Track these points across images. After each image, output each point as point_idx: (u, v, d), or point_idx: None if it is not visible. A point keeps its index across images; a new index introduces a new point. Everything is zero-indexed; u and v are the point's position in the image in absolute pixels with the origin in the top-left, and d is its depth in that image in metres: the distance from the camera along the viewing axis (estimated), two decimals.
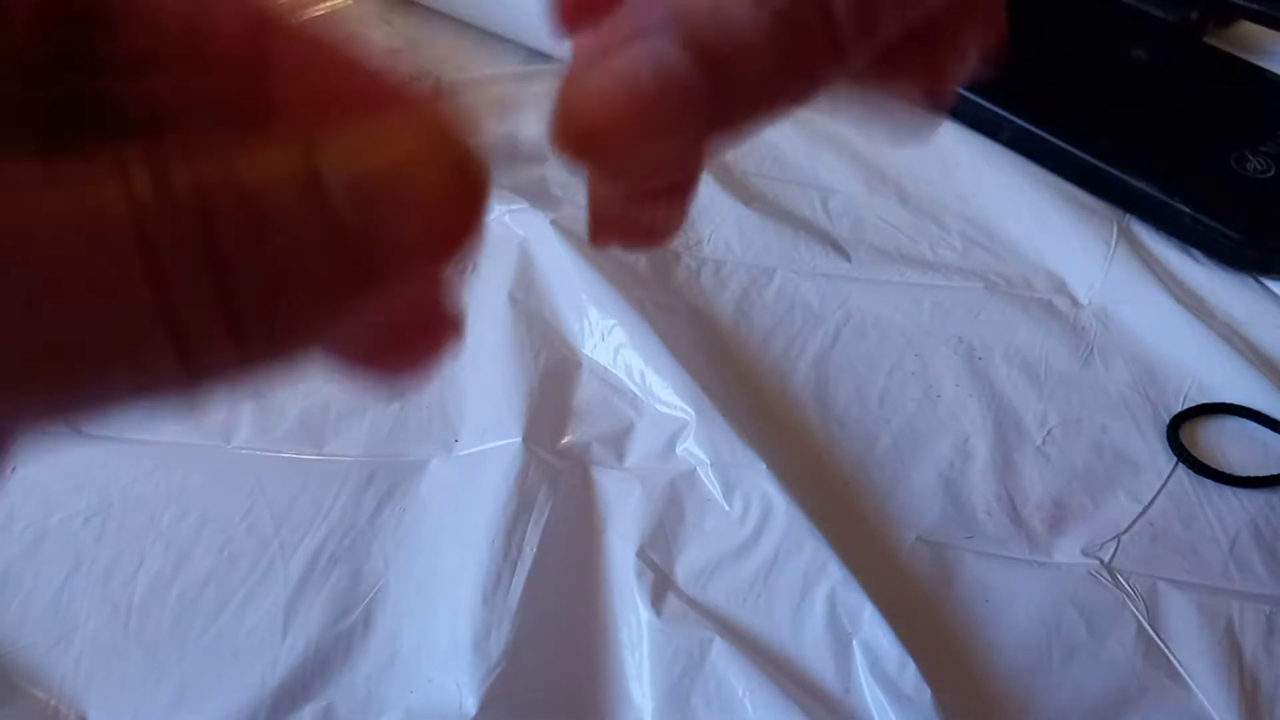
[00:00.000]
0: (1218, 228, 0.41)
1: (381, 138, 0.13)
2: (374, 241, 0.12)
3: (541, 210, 0.43)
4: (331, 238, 0.12)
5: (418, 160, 0.12)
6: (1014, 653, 0.31)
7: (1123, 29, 0.49)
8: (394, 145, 0.12)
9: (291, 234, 0.12)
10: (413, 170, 0.12)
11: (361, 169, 0.12)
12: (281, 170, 0.12)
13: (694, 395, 0.36)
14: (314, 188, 0.12)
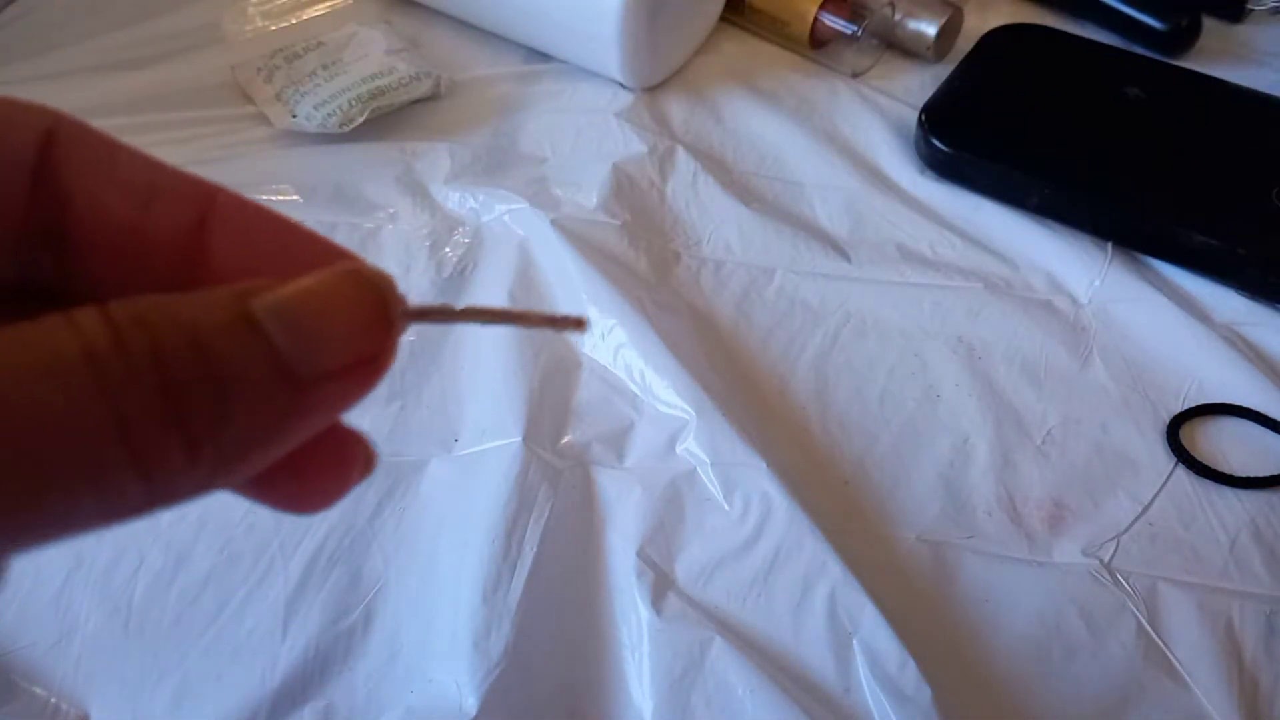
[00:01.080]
0: (1258, 263, 0.41)
1: (304, 278, 0.14)
2: (302, 357, 0.14)
3: (541, 210, 0.43)
4: (264, 358, 0.14)
5: (335, 285, 0.15)
6: (1014, 652, 0.31)
7: (1109, 71, 0.49)
8: (315, 278, 0.14)
9: (229, 356, 0.13)
10: (331, 292, 0.14)
11: (286, 297, 0.14)
12: (217, 306, 0.14)
13: (694, 395, 0.36)
14: (247, 317, 0.14)
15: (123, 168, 0.17)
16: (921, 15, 0.51)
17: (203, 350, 0.13)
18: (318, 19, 0.54)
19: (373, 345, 0.15)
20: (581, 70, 0.51)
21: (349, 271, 0.15)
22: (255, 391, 0.14)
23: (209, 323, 0.13)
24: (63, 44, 0.51)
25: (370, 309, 0.15)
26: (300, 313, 0.14)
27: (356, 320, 0.15)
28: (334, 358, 0.14)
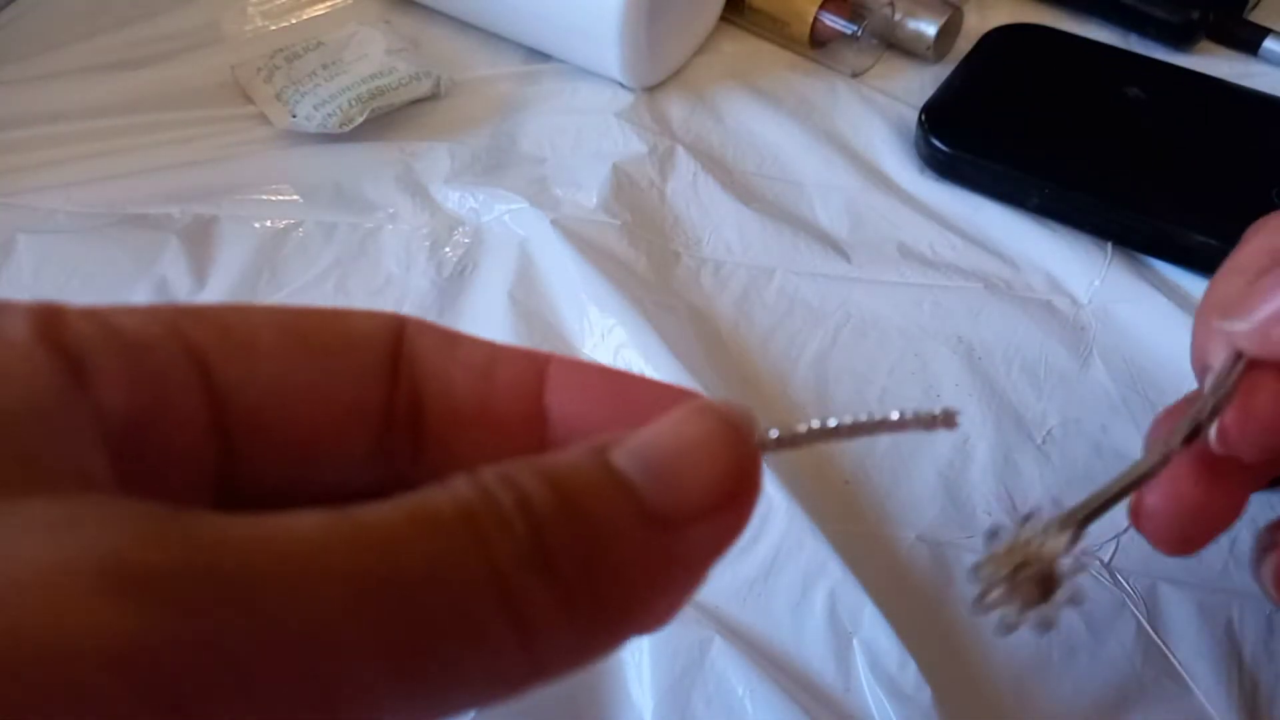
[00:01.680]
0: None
1: (664, 426, 0.15)
2: (666, 500, 0.14)
3: (541, 210, 0.43)
4: (629, 504, 0.14)
5: (689, 423, 0.15)
6: (1014, 652, 0.31)
7: (1110, 71, 0.49)
8: (667, 421, 0.15)
9: (595, 505, 0.13)
10: (686, 431, 0.15)
11: (642, 443, 0.14)
12: (579, 459, 0.14)
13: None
14: (607, 467, 0.14)
15: (464, 348, 0.17)
16: (921, 15, 0.51)
17: (568, 501, 0.13)
18: (318, 19, 0.54)
19: (735, 480, 0.15)
20: (581, 70, 0.51)
21: (700, 408, 0.15)
22: (624, 540, 0.14)
23: (572, 475, 0.14)
24: (62, 44, 0.51)
25: (727, 443, 0.15)
26: (658, 456, 0.14)
27: (715, 457, 0.15)
28: (699, 497, 0.14)
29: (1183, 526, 0.23)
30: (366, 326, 0.17)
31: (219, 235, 0.43)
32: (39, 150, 0.46)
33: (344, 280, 0.41)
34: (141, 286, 0.41)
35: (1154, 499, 0.23)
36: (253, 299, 0.40)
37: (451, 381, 0.17)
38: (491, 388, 0.17)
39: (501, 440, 0.17)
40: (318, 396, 0.16)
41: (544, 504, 0.13)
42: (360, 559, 0.12)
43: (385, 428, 0.16)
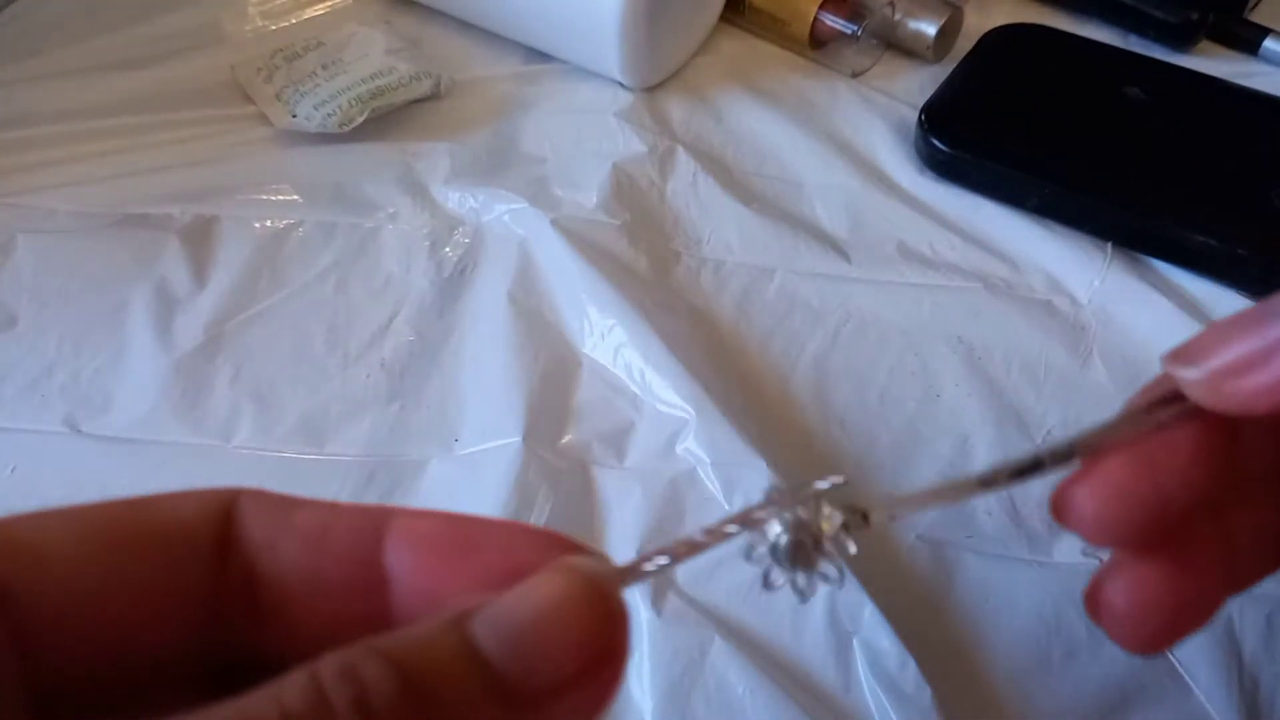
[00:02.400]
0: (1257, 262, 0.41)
1: (522, 591, 0.14)
2: (521, 675, 0.13)
3: (541, 210, 0.43)
4: (481, 684, 0.13)
5: (553, 599, 0.14)
6: (1014, 652, 0.31)
7: (1109, 71, 0.49)
8: (532, 592, 0.14)
9: (442, 691, 0.13)
10: (551, 607, 0.14)
11: (506, 620, 0.13)
12: (435, 634, 0.13)
13: (694, 395, 0.36)
14: (469, 650, 0.13)
15: (300, 515, 0.17)
16: (921, 15, 0.51)
17: (416, 690, 0.13)
18: (318, 19, 0.54)
19: (597, 648, 0.14)
20: (581, 70, 0.51)
21: (558, 568, 0.14)
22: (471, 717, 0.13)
23: (423, 657, 0.13)
24: (62, 44, 0.51)
25: (586, 605, 0.14)
26: (514, 627, 0.14)
27: (573, 624, 0.14)
28: (558, 671, 0.14)
29: (1148, 625, 0.20)
30: (186, 513, 0.16)
31: (219, 235, 0.43)
32: (39, 150, 0.46)
33: (344, 280, 0.41)
34: (141, 286, 0.41)
35: (1114, 593, 0.20)
36: (253, 298, 0.40)
37: (281, 555, 0.16)
38: (323, 557, 0.16)
39: (340, 608, 0.16)
40: (123, 598, 0.15)
41: (386, 698, 0.12)
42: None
43: (215, 611, 0.16)
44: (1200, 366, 0.19)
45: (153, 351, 0.38)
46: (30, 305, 0.40)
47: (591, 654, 0.14)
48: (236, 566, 0.16)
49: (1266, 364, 0.18)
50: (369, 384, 0.38)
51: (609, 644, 0.14)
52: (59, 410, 0.37)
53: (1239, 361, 0.18)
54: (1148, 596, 0.20)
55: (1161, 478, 0.19)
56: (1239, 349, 0.18)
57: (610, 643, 0.14)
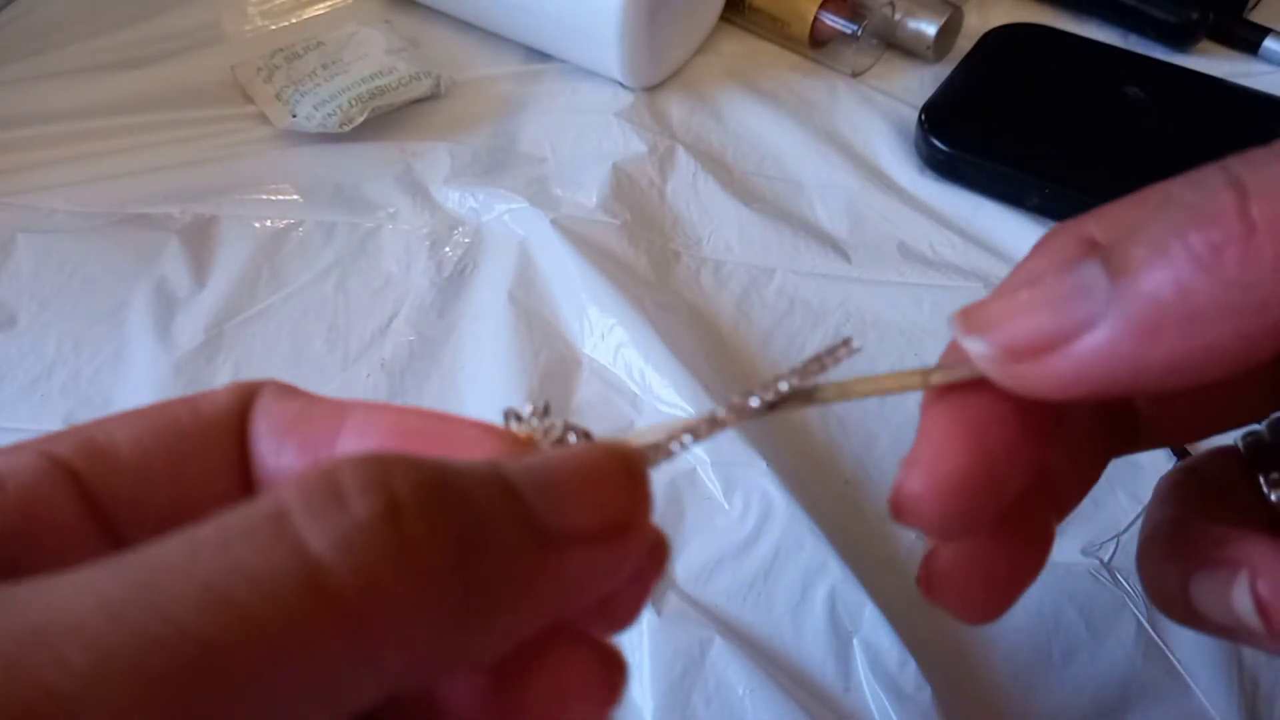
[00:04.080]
0: None
1: (562, 452, 0.15)
2: (552, 513, 0.14)
3: (541, 210, 0.43)
4: (515, 510, 0.13)
5: (583, 452, 0.15)
6: (1014, 652, 0.31)
7: (1109, 70, 0.49)
8: (574, 453, 0.15)
9: (478, 505, 0.13)
10: (580, 457, 0.14)
11: (544, 468, 0.14)
12: (475, 465, 0.14)
13: (694, 394, 0.36)
14: (505, 479, 0.14)
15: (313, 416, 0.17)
16: (921, 15, 0.51)
17: (446, 490, 0.13)
18: (318, 18, 0.54)
19: (626, 512, 0.14)
20: (581, 70, 0.51)
21: (597, 444, 0.15)
22: (504, 544, 0.13)
23: (456, 475, 0.13)
24: (63, 44, 0.51)
25: (624, 475, 0.15)
26: (553, 474, 0.14)
27: (610, 484, 0.14)
28: (587, 520, 0.14)
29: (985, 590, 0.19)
30: (221, 405, 0.17)
31: (219, 235, 0.43)
32: (39, 150, 0.46)
33: (344, 280, 0.41)
34: (141, 286, 0.41)
35: (946, 560, 0.19)
36: (253, 298, 0.40)
37: (282, 462, 0.17)
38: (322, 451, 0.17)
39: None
40: (176, 480, 0.17)
41: (414, 499, 0.12)
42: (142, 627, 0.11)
43: (243, 484, 0.17)
44: (988, 340, 0.17)
45: (153, 351, 0.38)
46: (30, 305, 0.40)
47: (615, 514, 0.14)
48: (253, 459, 0.17)
49: (1066, 348, 0.16)
50: (369, 383, 0.38)
51: (631, 513, 0.14)
52: (59, 409, 0.37)
53: (1034, 341, 0.16)
54: (984, 568, 0.19)
55: (994, 459, 0.18)
56: (1035, 324, 0.16)
57: (632, 513, 0.15)
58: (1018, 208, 0.44)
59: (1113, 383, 0.16)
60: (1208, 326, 0.14)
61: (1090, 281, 0.16)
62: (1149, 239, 0.15)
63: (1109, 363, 0.15)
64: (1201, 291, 0.14)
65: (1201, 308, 0.14)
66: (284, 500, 0.12)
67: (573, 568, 0.14)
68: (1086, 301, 0.15)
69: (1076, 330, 0.16)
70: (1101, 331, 0.15)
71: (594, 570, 0.14)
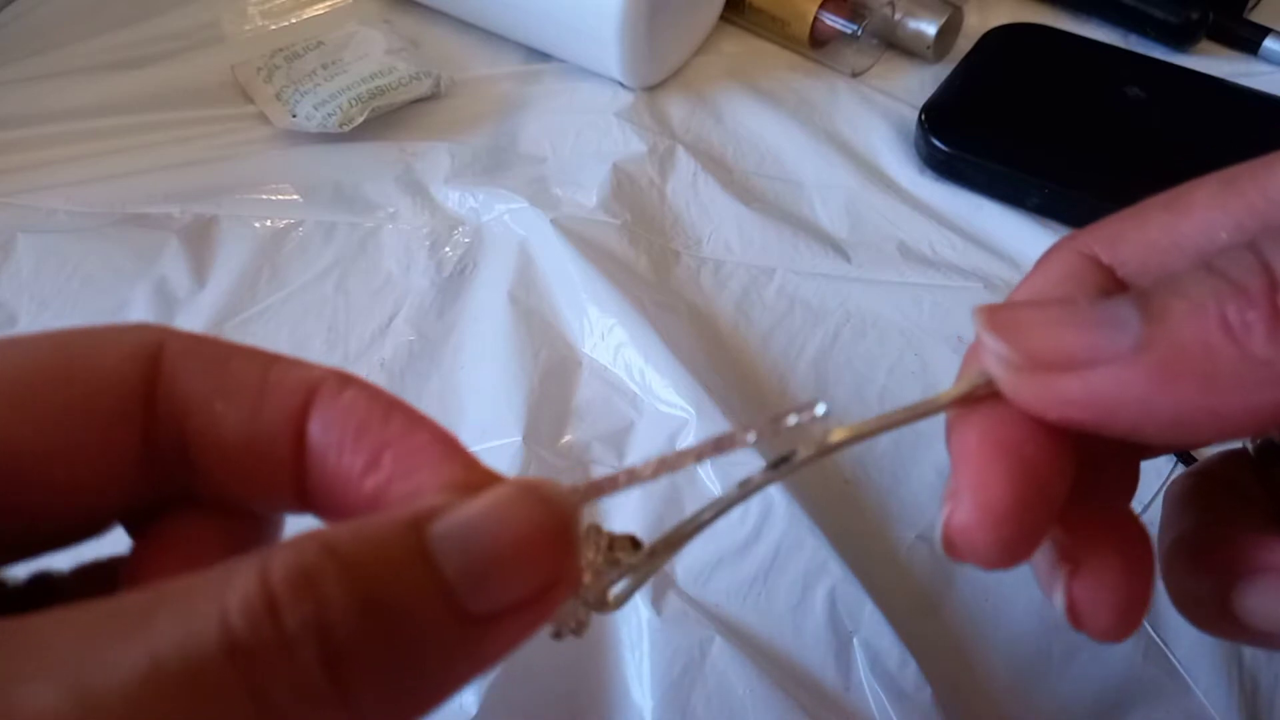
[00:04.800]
0: None
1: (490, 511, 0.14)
2: (477, 593, 0.13)
3: (541, 209, 0.43)
4: (447, 614, 0.13)
5: (523, 528, 0.14)
6: (1014, 652, 0.31)
7: (1109, 70, 0.49)
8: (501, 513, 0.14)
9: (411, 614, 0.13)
10: (520, 536, 0.14)
11: (472, 539, 0.13)
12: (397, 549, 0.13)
13: (694, 394, 0.36)
14: (430, 564, 0.13)
15: (234, 373, 0.16)
16: (921, 15, 0.51)
17: (373, 610, 0.13)
18: (318, 18, 0.54)
19: (552, 570, 0.14)
20: (581, 70, 0.51)
21: (526, 492, 0.14)
22: (432, 640, 0.13)
23: (380, 568, 0.13)
24: (63, 44, 0.51)
25: (549, 533, 0.14)
26: (481, 548, 0.14)
27: (541, 556, 0.14)
28: (512, 592, 0.14)
29: (1003, 539, 0.19)
30: (112, 362, 0.15)
31: (219, 235, 0.43)
32: (39, 150, 0.46)
33: (344, 280, 0.41)
34: (141, 286, 0.41)
35: (964, 516, 0.19)
36: (253, 298, 0.40)
37: (216, 414, 0.16)
38: (256, 423, 0.16)
39: (265, 468, 0.16)
40: (54, 460, 0.15)
41: (343, 617, 0.12)
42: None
43: (140, 460, 0.16)
44: (1011, 344, 0.17)
45: None
46: (30, 305, 0.40)
47: (544, 579, 0.14)
48: (165, 420, 0.16)
49: (1083, 371, 0.16)
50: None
51: (560, 572, 0.14)
52: None
53: (1057, 356, 0.16)
54: (996, 510, 0.19)
55: (1037, 477, 0.18)
56: (1062, 339, 0.16)
57: (561, 572, 0.14)
58: (1018, 208, 0.44)
59: (1114, 418, 0.16)
60: (1223, 389, 0.15)
61: (1124, 317, 0.16)
62: (1189, 295, 0.16)
63: (1118, 397, 0.16)
64: (1226, 357, 0.15)
65: (1222, 372, 0.15)
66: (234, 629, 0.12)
67: (500, 635, 0.14)
68: (1116, 333, 0.16)
69: (1099, 357, 0.16)
70: (1122, 366, 0.16)
71: (522, 630, 0.14)
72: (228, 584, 0.12)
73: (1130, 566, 0.19)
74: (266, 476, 0.16)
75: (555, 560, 0.14)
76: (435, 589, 0.13)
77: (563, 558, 0.14)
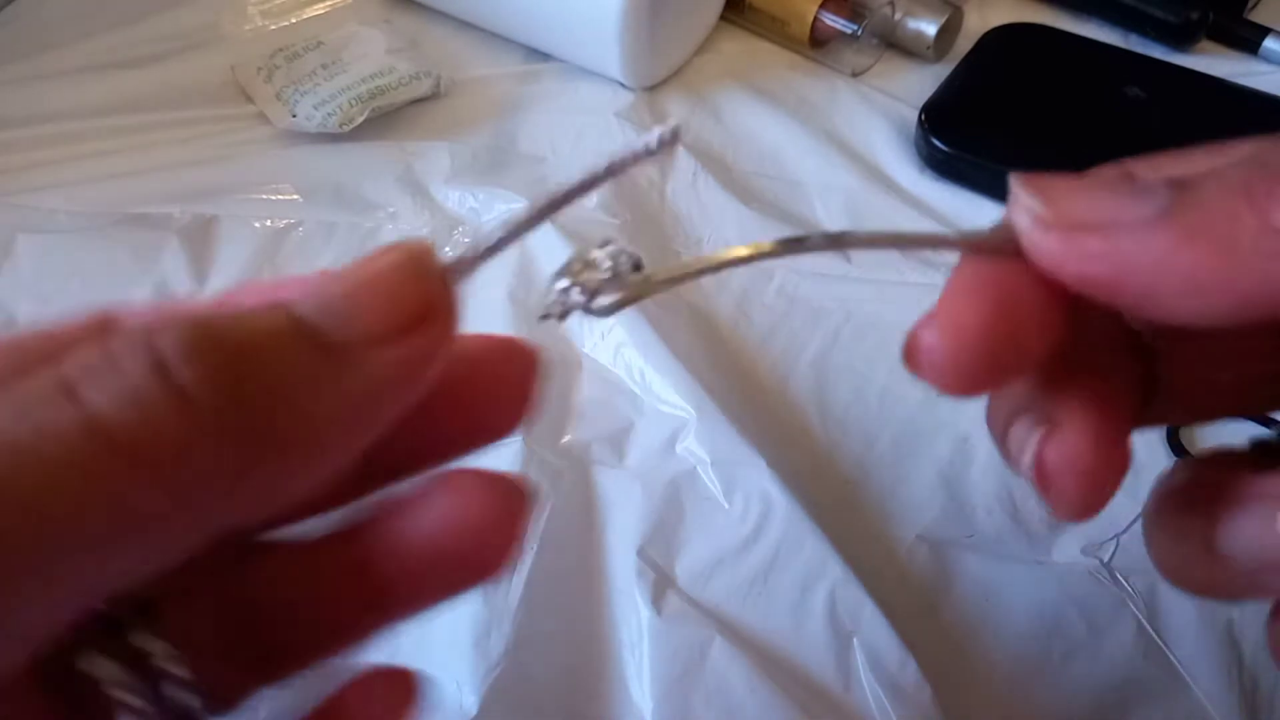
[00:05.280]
0: None
1: (345, 269, 0.14)
2: (336, 326, 0.14)
3: None
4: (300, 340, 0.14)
5: (376, 268, 0.14)
6: (1014, 651, 0.31)
7: (1109, 70, 0.49)
8: (355, 267, 0.14)
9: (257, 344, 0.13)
10: (358, 266, 0.14)
11: (328, 290, 0.14)
12: (262, 313, 0.14)
13: (694, 394, 0.36)
14: (289, 312, 0.14)
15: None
16: (921, 14, 0.51)
17: (218, 343, 0.13)
18: (317, 18, 0.54)
19: (416, 300, 0.14)
20: (581, 70, 0.51)
21: (382, 248, 0.15)
22: (286, 369, 0.13)
23: (232, 322, 0.13)
24: (62, 44, 0.51)
25: (407, 267, 0.15)
26: (335, 286, 0.14)
27: (393, 280, 0.14)
28: (371, 318, 0.14)
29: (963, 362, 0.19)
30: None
31: (219, 234, 0.43)
32: (39, 150, 0.46)
33: None
34: (141, 286, 0.41)
35: (930, 331, 0.19)
36: None
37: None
38: None
39: None
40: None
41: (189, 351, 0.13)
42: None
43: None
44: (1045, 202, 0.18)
45: None
46: (30, 305, 0.40)
47: (410, 308, 0.14)
48: None
49: (1108, 232, 0.17)
50: None
51: (428, 301, 0.15)
52: None
53: (1086, 216, 0.17)
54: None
55: (1013, 315, 0.18)
56: (1093, 201, 0.17)
57: (430, 300, 0.15)
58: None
59: (1128, 277, 0.17)
60: (1240, 254, 0.15)
61: (1153, 189, 0.17)
62: (1220, 176, 0.16)
63: (1137, 256, 0.16)
64: (1247, 225, 0.15)
65: (1241, 238, 0.15)
66: (66, 371, 0.12)
67: (370, 372, 0.14)
68: (1146, 200, 0.17)
69: (1125, 219, 0.17)
70: (1146, 228, 0.16)
71: (397, 371, 0.14)
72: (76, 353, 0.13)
73: (1100, 435, 0.19)
74: None
75: (413, 287, 0.14)
76: (290, 326, 0.14)
77: (424, 284, 0.15)
